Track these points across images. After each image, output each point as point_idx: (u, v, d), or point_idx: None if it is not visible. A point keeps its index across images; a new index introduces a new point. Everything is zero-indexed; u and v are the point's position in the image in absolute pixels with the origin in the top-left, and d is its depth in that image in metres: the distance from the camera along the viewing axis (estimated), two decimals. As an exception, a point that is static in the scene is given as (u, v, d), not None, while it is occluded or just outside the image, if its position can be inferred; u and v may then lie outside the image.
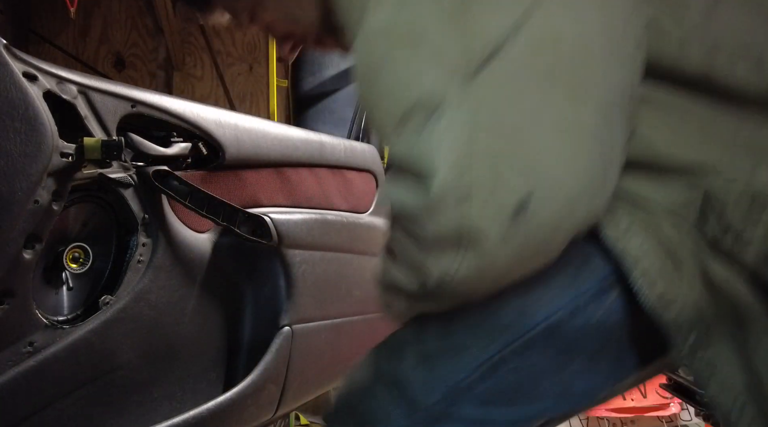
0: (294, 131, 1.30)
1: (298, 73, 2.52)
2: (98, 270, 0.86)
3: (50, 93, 0.75)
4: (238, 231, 0.98)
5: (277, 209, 1.13)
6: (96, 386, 0.83)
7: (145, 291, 0.89)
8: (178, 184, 0.92)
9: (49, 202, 0.73)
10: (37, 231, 0.72)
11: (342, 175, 1.43)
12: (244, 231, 1.00)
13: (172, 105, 0.96)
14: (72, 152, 0.76)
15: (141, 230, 0.89)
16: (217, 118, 1.05)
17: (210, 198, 0.94)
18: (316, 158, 1.33)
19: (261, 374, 1.05)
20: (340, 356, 1.37)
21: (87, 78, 0.83)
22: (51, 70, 0.77)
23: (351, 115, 2.04)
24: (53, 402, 0.78)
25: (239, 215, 0.99)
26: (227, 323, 1.07)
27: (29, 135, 0.69)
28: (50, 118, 0.73)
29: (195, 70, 3.74)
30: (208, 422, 0.94)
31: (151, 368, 0.91)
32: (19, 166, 0.68)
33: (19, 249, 0.70)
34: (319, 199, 1.29)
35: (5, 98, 0.68)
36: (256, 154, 1.13)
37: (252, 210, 1.05)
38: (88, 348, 0.81)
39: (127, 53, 3.73)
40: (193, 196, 0.92)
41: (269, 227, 1.05)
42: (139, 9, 3.72)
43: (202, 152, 1.01)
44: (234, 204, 0.98)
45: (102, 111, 0.83)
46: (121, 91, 0.88)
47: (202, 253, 1.00)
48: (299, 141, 1.28)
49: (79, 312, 0.83)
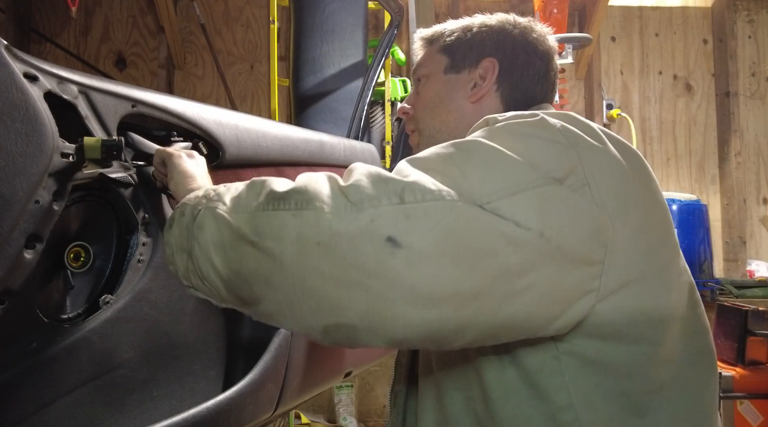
0: (294, 131, 1.30)
1: (299, 72, 2.52)
2: (99, 269, 0.87)
3: (51, 93, 0.76)
4: (237, 231, 0.99)
5: (276, 209, 1.13)
6: (96, 385, 0.83)
7: (145, 290, 0.89)
8: (178, 184, 0.92)
9: (49, 202, 0.73)
10: (37, 231, 0.72)
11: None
12: (243, 231, 1.00)
13: (172, 104, 0.96)
14: (72, 152, 0.76)
15: (141, 230, 0.89)
16: (217, 118, 1.05)
17: (210, 198, 0.94)
18: (316, 157, 1.33)
19: (260, 372, 1.06)
20: (339, 355, 1.38)
21: (87, 78, 0.83)
22: (52, 70, 0.77)
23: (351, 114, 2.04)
24: (54, 401, 0.78)
25: (239, 215, 0.99)
26: (227, 321, 1.07)
27: (30, 135, 0.70)
28: (51, 119, 0.73)
29: (196, 69, 3.74)
30: (208, 420, 0.94)
31: (151, 366, 0.92)
32: (19, 167, 0.69)
33: (20, 249, 0.70)
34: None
35: (6, 99, 0.68)
36: (256, 154, 1.14)
37: (252, 210, 1.05)
38: (88, 347, 0.82)
39: (129, 52, 3.73)
40: (193, 196, 0.92)
41: (269, 226, 1.05)
42: (140, 8, 3.72)
43: (202, 151, 1.01)
44: (234, 204, 0.99)
45: (102, 111, 0.83)
46: (121, 90, 0.88)
47: (202, 252, 1.00)
48: (299, 140, 1.28)
49: (80, 311, 0.83)
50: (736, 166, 3.78)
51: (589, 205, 0.66)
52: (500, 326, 0.64)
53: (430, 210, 0.60)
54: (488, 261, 0.61)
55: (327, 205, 0.61)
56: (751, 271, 3.61)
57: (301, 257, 0.61)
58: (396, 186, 0.61)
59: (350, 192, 0.62)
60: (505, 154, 0.66)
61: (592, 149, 0.70)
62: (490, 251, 0.61)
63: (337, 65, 2.49)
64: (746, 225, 3.80)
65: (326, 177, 0.66)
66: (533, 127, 0.71)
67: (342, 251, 0.60)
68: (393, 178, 0.63)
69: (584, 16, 3.75)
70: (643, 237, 0.71)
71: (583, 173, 0.67)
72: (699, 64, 3.93)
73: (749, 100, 3.89)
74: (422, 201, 0.60)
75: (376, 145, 2.61)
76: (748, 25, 3.94)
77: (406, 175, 0.63)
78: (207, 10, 3.71)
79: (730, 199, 3.79)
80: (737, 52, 3.87)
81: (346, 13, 2.51)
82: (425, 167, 0.66)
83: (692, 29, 3.94)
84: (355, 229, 0.59)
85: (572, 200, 0.65)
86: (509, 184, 0.63)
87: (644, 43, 3.92)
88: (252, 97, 3.78)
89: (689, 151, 3.89)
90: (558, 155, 0.67)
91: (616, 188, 0.69)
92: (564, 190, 0.65)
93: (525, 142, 0.68)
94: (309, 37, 2.49)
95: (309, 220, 0.61)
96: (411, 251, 0.59)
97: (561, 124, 0.72)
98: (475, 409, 0.75)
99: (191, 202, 0.74)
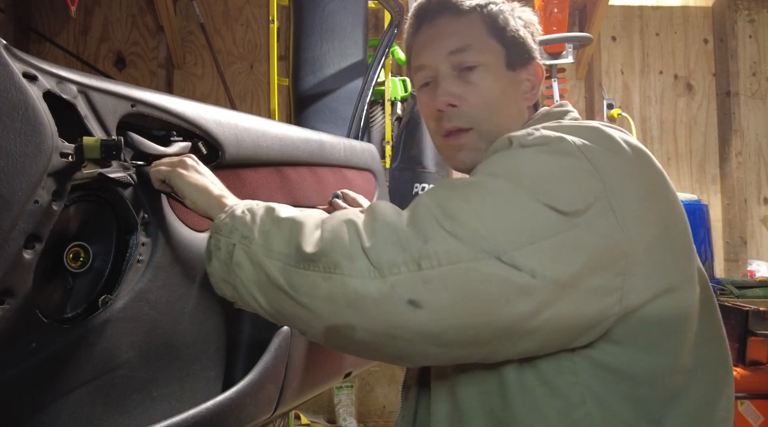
0: (294, 130, 1.30)
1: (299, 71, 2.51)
2: (98, 270, 0.86)
3: (50, 93, 0.75)
4: (237, 230, 0.98)
5: (276, 209, 1.13)
6: (96, 386, 0.83)
7: (144, 290, 0.89)
8: (178, 184, 0.91)
9: (49, 202, 0.73)
10: (37, 231, 0.72)
11: (342, 174, 1.43)
12: (243, 230, 1.00)
13: (172, 104, 0.96)
14: (72, 152, 0.76)
15: (141, 230, 0.89)
16: (216, 117, 1.05)
17: (210, 198, 0.94)
18: (315, 157, 1.33)
19: (260, 373, 1.06)
20: (339, 355, 1.37)
21: (87, 77, 0.83)
22: (51, 70, 0.77)
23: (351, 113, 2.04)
24: (53, 402, 0.78)
25: (239, 215, 0.98)
26: (227, 322, 1.07)
27: (29, 135, 0.69)
28: (50, 119, 0.73)
29: (196, 69, 3.74)
30: (208, 421, 0.94)
31: (151, 367, 0.92)
32: (19, 167, 0.68)
33: (19, 249, 0.70)
34: (318, 199, 1.29)
35: (5, 99, 0.68)
36: (255, 153, 1.13)
37: (252, 209, 1.05)
38: (88, 347, 0.81)
39: (128, 52, 3.73)
40: (192, 196, 0.92)
41: (269, 226, 1.05)
42: (139, 8, 3.72)
43: (201, 151, 1.01)
44: (234, 204, 0.98)
45: (102, 110, 0.83)
46: (120, 90, 0.88)
47: (201, 252, 1.00)
48: (299, 140, 1.28)
49: (79, 311, 0.83)
50: (737, 166, 3.78)
51: (607, 236, 0.67)
52: (520, 353, 0.71)
53: (447, 275, 0.65)
54: (504, 310, 0.65)
55: (352, 270, 0.67)
56: (752, 271, 3.61)
57: (334, 313, 0.68)
58: (414, 252, 0.66)
59: (371, 255, 0.67)
60: (524, 199, 0.67)
61: (613, 167, 0.70)
62: (505, 301, 0.65)
63: (336, 65, 2.49)
64: (747, 225, 3.80)
65: (349, 231, 0.70)
66: (555, 156, 0.70)
67: (369, 311, 0.66)
68: (412, 241, 0.66)
69: (585, 16, 3.75)
70: (666, 251, 0.72)
71: (608, 200, 0.68)
72: (700, 63, 3.93)
73: (750, 99, 3.89)
74: (438, 266, 0.65)
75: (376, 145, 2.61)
76: (749, 24, 3.94)
77: (426, 235, 0.66)
78: (206, 10, 3.71)
79: (730, 199, 3.79)
80: (738, 52, 3.86)
81: (346, 13, 2.51)
82: (444, 212, 0.68)
83: (693, 29, 3.93)
84: (378, 294, 0.65)
85: (590, 240, 0.66)
86: (527, 234, 0.65)
87: (645, 43, 3.92)
88: (251, 97, 3.77)
89: (690, 151, 3.89)
90: (581, 186, 0.68)
91: (639, 207, 0.70)
92: (582, 231, 0.66)
93: (547, 175, 0.69)
94: (309, 36, 2.49)
95: (337, 284, 0.67)
96: (432, 310, 0.65)
97: (581, 142, 0.71)
98: (491, 403, 0.76)
99: (224, 234, 0.78)
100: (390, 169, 2.79)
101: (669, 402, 0.72)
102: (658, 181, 0.76)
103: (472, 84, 0.87)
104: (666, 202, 0.75)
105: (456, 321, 0.65)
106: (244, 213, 0.78)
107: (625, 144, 0.74)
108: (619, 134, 0.76)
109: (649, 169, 0.76)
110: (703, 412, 0.75)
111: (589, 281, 0.66)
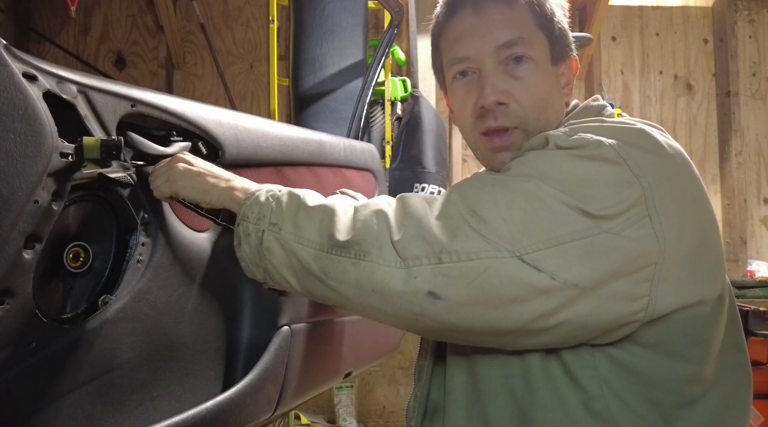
0: (294, 130, 1.30)
1: (299, 71, 2.51)
2: (98, 270, 0.86)
3: (50, 93, 0.75)
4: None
5: (276, 209, 1.13)
6: (95, 386, 0.83)
7: (144, 290, 0.89)
8: (178, 184, 0.91)
9: (48, 202, 0.73)
10: (37, 231, 0.72)
11: (342, 174, 1.43)
12: (243, 231, 1.00)
13: (171, 104, 0.96)
14: (72, 152, 0.76)
15: (141, 230, 0.89)
16: (216, 118, 1.05)
17: (210, 198, 0.94)
18: (315, 157, 1.33)
19: (260, 373, 1.06)
20: (339, 355, 1.37)
21: (87, 77, 0.83)
22: (51, 70, 0.77)
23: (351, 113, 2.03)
24: (53, 402, 0.78)
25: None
26: (226, 322, 1.07)
27: (29, 135, 0.69)
28: (50, 119, 0.73)
29: (196, 69, 3.74)
30: (208, 421, 0.94)
31: (151, 367, 0.92)
32: (19, 167, 0.68)
33: (19, 249, 0.70)
34: (318, 199, 1.29)
35: (5, 99, 0.68)
36: (255, 154, 1.13)
37: (252, 210, 1.05)
38: (87, 348, 0.81)
39: (128, 52, 3.73)
40: (192, 196, 0.92)
41: (269, 226, 1.05)
42: (139, 7, 3.72)
43: (201, 151, 1.01)
44: (234, 204, 0.98)
45: (102, 110, 0.83)
46: (120, 90, 0.87)
47: (201, 252, 1.00)
48: (299, 140, 1.28)
49: (79, 311, 0.83)
50: (737, 166, 3.78)
51: (638, 243, 0.66)
52: (537, 345, 0.73)
53: (465, 270, 0.67)
54: (521, 308, 0.67)
55: (380, 258, 0.71)
56: (752, 271, 3.61)
57: (361, 298, 0.73)
58: (436, 247, 0.69)
59: (399, 247, 0.71)
60: (554, 202, 0.67)
61: (655, 172, 0.69)
62: (523, 301, 0.67)
63: (336, 65, 2.49)
64: (747, 225, 3.79)
65: (379, 222, 0.74)
66: (592, 162, 0.69)
67: (392, 299, 0.71)
68: (436, 237, 0.70)
69: (585, 16, 3.75)
70: (702, 262, 0.71)
71: (645, 206, 0.67)
72: (699, 63, 3.92)
73: (750, 99, 3.89)
74: (458, 261, 0.68)
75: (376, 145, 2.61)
76: (749, 24, 3.93)
77: (452, 232, 0.69)
78: (206, 10, 3.71)
79: (730, 199, 3.79)
80: (738, 52, 3.86)
81: (346, 13, 2.51)
82: (471, 210, 0.70)
83: (693, 29, 3.93)
84: (402, 283, 0.70)
85: (618, 245, 0.66)
86: (552, 237, 0.66)
87: (645, 43, 3.92)
88: (251, 97, 3.77)
89: (690, 151, 3.89)
90: (617, 191, 0.67)
91: (679, 215, 0.69)
92: (611, 236, 0.66)
93: (580, 179, 0.68)
94: (309, 36, 2.49)
95: (365, 270, 0.72)
96: (449, 302, 0.68)
97: (621, 146, 0.69)
98: (513, 386, 0.77)
99: (252, 222, 0.82)
100: (390, 169, 2.79)
101: (684, 407, 0.73)
102: (699, 189, 0.74)
103: (520, 80, 0.80)
104: (705, 211, 0.74)
105: (472, 314, 0.69)
106: (268, 200, 0.82)
107: (669, 148, 0.72)
108: (663, 138, 0.73)
109: (691, 175, 0.74)
110: (719, 421, 0.74)
111: (612, 285, 0.66)
